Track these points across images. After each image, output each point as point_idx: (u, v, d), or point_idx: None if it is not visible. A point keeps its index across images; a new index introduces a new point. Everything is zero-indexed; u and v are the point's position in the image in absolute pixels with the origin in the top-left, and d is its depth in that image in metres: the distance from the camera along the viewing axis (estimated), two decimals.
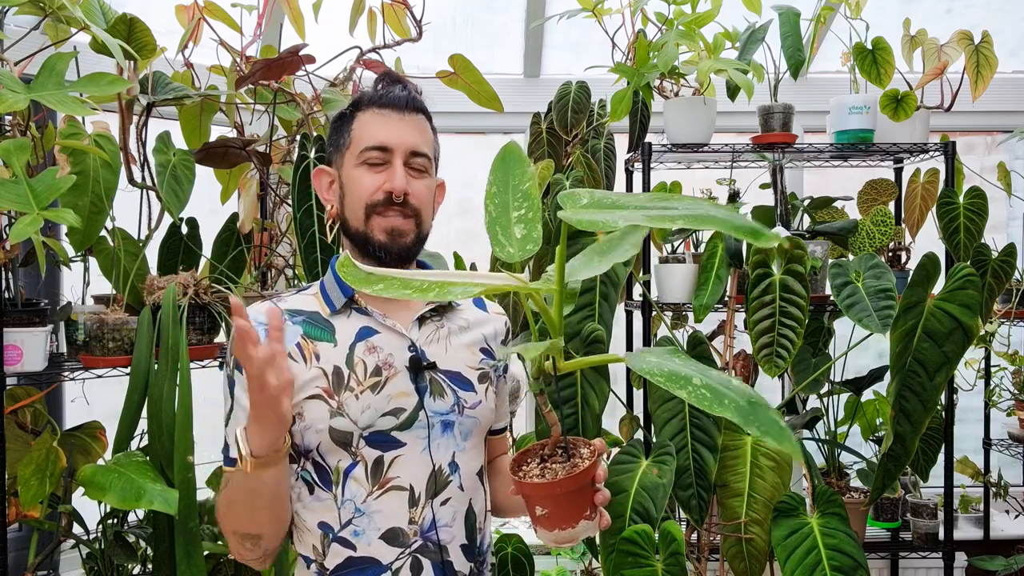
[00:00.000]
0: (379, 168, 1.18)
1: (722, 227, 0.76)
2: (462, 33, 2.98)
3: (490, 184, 1.06)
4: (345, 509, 1.15)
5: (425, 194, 1.21)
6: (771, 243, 0.74)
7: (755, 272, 2.08)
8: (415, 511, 1.15)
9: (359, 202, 1.18)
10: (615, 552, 1.90)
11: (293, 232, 2.02)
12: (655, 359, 0.87)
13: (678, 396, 0.82)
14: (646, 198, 0.86)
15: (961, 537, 2.74)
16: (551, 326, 0.96)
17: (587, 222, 0.84)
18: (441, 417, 1.18)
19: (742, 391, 0.82)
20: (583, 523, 1.03)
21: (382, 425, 1.15)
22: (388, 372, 1.17)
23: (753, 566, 2.04)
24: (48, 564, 1.98)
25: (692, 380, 0.82)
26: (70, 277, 2.04)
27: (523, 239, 1.00)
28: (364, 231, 1.19)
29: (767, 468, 2.02)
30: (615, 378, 2.21)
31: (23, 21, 1.98)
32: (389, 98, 1.20)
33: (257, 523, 1.12)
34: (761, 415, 0.78)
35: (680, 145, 2.26)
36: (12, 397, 1.81)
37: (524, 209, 1.02)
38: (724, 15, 2.21)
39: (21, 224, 1.43)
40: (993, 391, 2.53)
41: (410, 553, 1.14)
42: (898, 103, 2.29)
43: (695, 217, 0.78)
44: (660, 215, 0.80)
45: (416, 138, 1.20)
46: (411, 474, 1.15)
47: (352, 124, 1.21)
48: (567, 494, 1.01)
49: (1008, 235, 3.04)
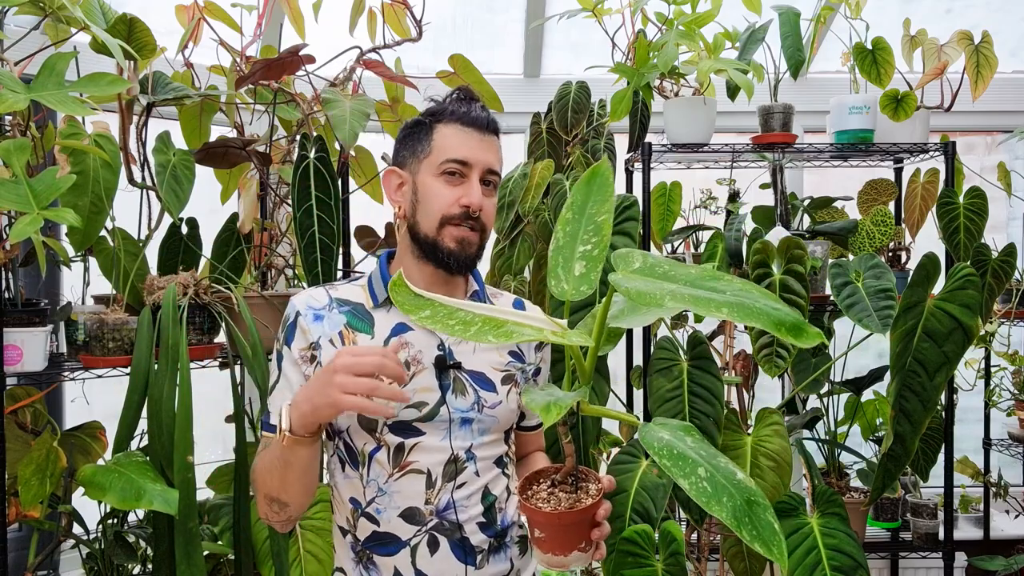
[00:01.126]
0: (457, 181, 1.26)
1: (766, 324, 0.77)
2: (462, 33, 2.98)
3: (568, 207, 1.03)
4: (370, 488, 1.24)
5: (492, 211, 1.31)
6: (813, 342, 0.75)
7: (755, 272, 2.08)
8: (431, 492, 1.23)
9: (435, 212, 1.26)
10: (615, 552, 1.90)
11: (293, 232, 2.02)
12: (668, 436, 0.88)
13: (679, 484, 0.83)
14: (697, 273, 0.86)
15: (961, 537, 2.74)
16: (582, 374, 0.98)
17: (635, 292, 0.83)
18: (461, 413, 1.26)
19: (745, 490, 0.82)
20: (576, 553, 1.07)
21: (405, 416, 1.23)
22: (416, 368, 1.25)
23: (753, 566, 2.04)
24: (48, 564, 1.98)
25: (698, 470, 0.83)
26: (70, 277, 2.04)
27: (580, 278, 0.98)
28: (435, 238, 1.26)
29: (767, 468, 2.02)
30: (615, 378, 2.21)
31: (23, 21, 1.98)
32: (472, 117, 1.27)
33: (287, 492, 1.19)
34: (758, 519, 0.79)
35: (680, 145, 2.26)
36: (12, 397, 1.81)
37: (591, 245, 0.99)
38: (724, 15, 2.21)
39: (21, 224, 1.43)
40: (993, 391, 2.53)
41: (427, 531, 1.23)
42: (898, 103, 2.29)
43: (740, 308, 0.78)
44: (707, 299, 0.80)
45: (492, 158, 1.28)
46: (429, 459, 1.24)
47: (433, 135, 1.28)
48: (566, 526, 1.05)
49: (1008, 235, 3.04)
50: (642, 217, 2.14)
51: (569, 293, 0.97)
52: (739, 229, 2.18)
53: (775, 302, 0.80)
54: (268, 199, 2.20)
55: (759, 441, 2.04)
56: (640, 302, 0.83)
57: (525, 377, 1.35)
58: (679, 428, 0.90)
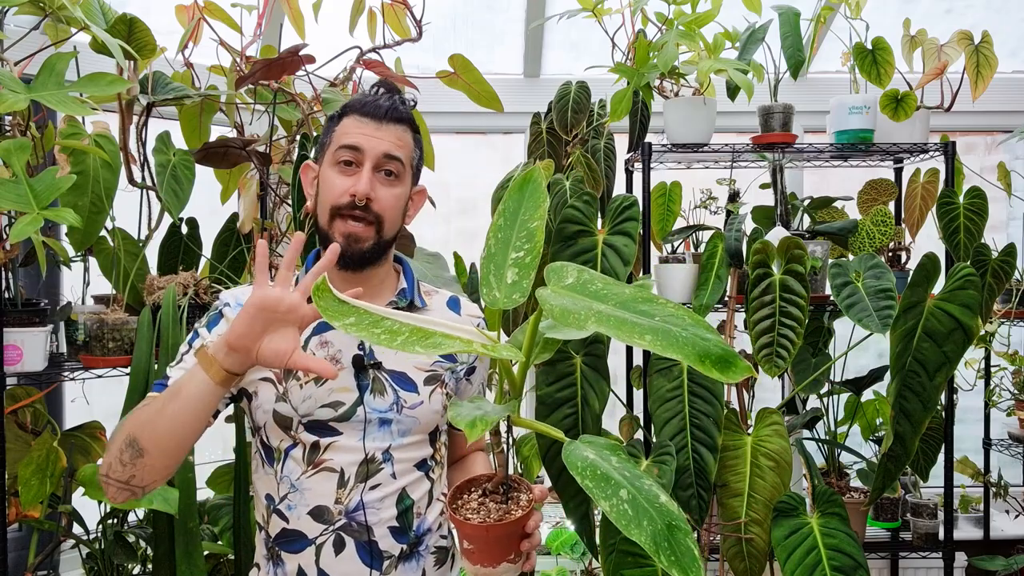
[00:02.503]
0: (351, 172, 1.23)
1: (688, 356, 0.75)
2: (462, 33, 2.98)
3: (499, 213, 1.00)
4: (283, 484, 1.23)
5: (391, 201, 1.25)
6: (740, 377, 0.74)
7: (755, 272, 2.08)
8: (342, 492, 1.21)
9: (327, 202, 1.24)
10: (615, 552, 1.90)
11: (293, 232, 2.02)
12: (592, 455, 0.86)
13: (600, 506, 0.81)
14: (630, 295, 0.83)
15: (961, 537, 2.74)
16: (512, 386, 0.96)
17: (559, 311, 0.81)
18: (379, 414, 1.23)
19: (667, 513, 0.81)
20: (505, 565, 1.06)
21: (321, 415, 1.22)
22: (334, 367, 1.22)
23: (753, 566, 2.04)
24: (48, 564, 1.98)
25: (620, 491, 0.81)
26: (70, 277, 2.04)
27: (512, 286, 0.95)
28: (327, 231, 1.24)
29: (767, 468, 2.02)
30: (615, 378, 2.21)
31: (23, 21, 1.98)
32: (370, 107, 1.24)
33: (155, 435, 1.10)
34: (677, 544, 0.78)
35: (680, 145, 2.26)
36: (12, 397, 1.81)
37: (523, 252, 0.96)
38: (724, 15, 2.21)
39: (21, 224, 1.43)
40: (993, 391, 2.53)
41: (333, 530, 1.21)
42: (898, 103, 2.29)
43: (665, 335, 0.76)
44: (632, 323, 0.78)
45: (389, 145, 1.24)
46: (343, 459, 1.22)
47: (336, 126, 1.27)
48: (495, 538, 1.03)
49: (1008, 235, 3.04)
50: (642, 217, 2.14)
51: (501, 302, 0.94)
52: (739, 229, 2.18)
53: (705, 331, 0.78)
54: (268, 199, 2.20)
55: (759, 441, 2.04)
56: (563, 322, 0.81)
57: (456, 377, 1.31)
58: (605, 447, 0.88)
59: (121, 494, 1.15)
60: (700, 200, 2.46)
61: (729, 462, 2.06)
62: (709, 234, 2.31)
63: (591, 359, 2.05)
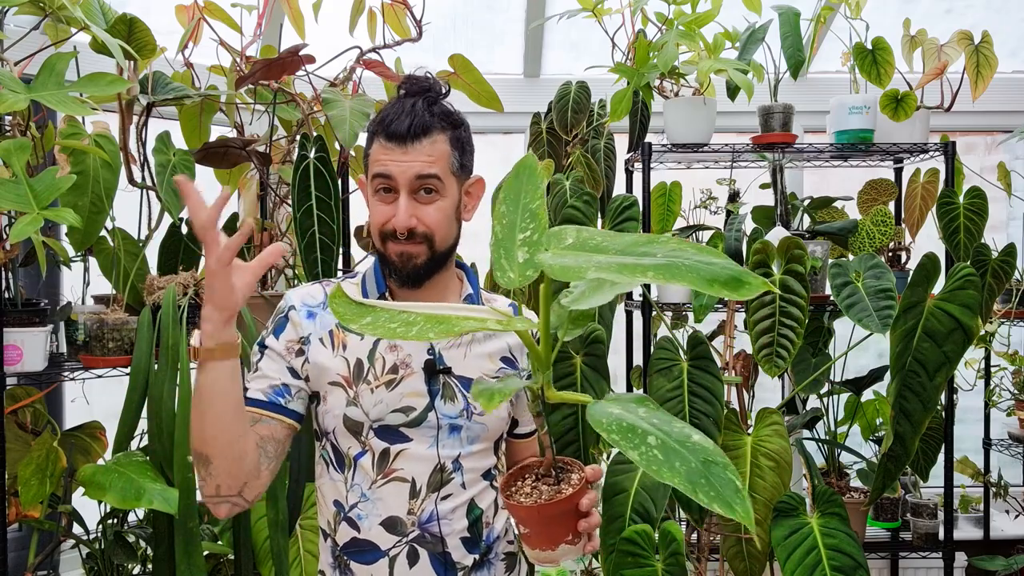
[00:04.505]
0: (389, 199, 1.20)
1: (695, 282, 0.71)
2: (462, 33, 2.98)
3: (500, 202, 1.00)
4: (353, 492, 1.21)
5: (436, 217, 1.21)
6: (754, 292, 0.70)
7: (755, 272, 2.08)
8: (415, 503, 1.20)
9: (375, 228, 1.23)
10: (615, 552, 1.90)
11: (293, 232, 2.02)
12: (618, 410, 0.83)
13: (629, 458, 0.78)
14: (631, 240, 0.81)
15: (961, 537, 2.74)
16: (536, 360, 0.94)
17: (559, 268, 0.79)
18: (450, 420, 1.22)
19: (701, 451, 0.77)
20: (563, 546, 1.04)
21: (392, 420, 1.20)
22: (404, 371, 1.22)
23: (753, 566, 2.04)
24: (48, 564, 1.98)
25: (648, 439, 0.78)
26: (70, 277, 2.04)
27: (524, 264, 0.94)
28: (382, 251, 1.23)
29: (767, 468, 2.01)
30: (615, 378, 2.21)
31: (23, 21, 1.98)
32: (391, 130, 1.19)
33: (206, 439, 1.10)
34: (716, 477, 0.74)
35: (680, 145, 2.26)
36: (12, 397, 1.81)
37: (530, 231, 0.96)
38: (724, 15, 2.21)
39: (21, 224, 1.43)
40: (993, 391, 2.53)
41: (407, 542, 1.20)
42: (898, 103, 2.29)
43: (667, 268, 0.73)
44: (632, 265, 0.75)
45: (420, 166, 1.19)
46: (414, 468, 1.21)
47: (371, 148, 1.23)
48: (548, 518, 1.02)
49: (1008, 235, 3.04)
50: (642, 217, 2.14)
51: (516, 281, 0.93)
52: (739, 229, 2.18)
53: (711, 256, 0.74)
54: (268, 199, 2.20)
55: (759, 441, 2.04)
56: (564, 277, 0.79)
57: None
58: (632, 400, 0.86)
59: (222, 508, 1.15)
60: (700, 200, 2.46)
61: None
62: (709, 234, 2.31)
63: (591, 359, 2.05)
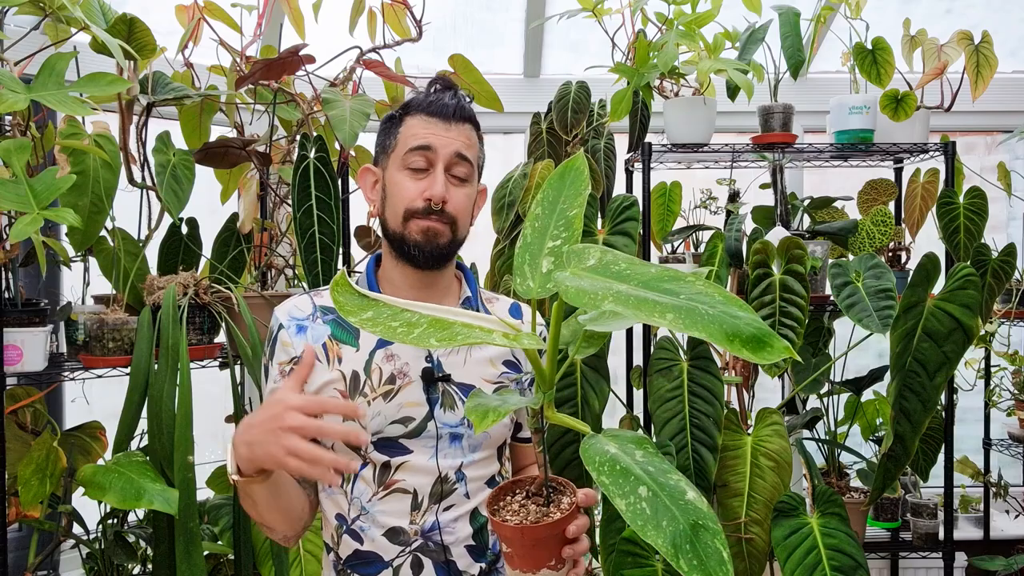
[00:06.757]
0: (421, 175, 1.20)
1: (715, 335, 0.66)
2: (462, 33, 2.97)
3: (538, 203, 0.94)
4: (354, 506, 1.20)
5: (463, 202, 1.22)
6: (777, 357, 0.65)
7: (755, 272, 2.08)
8: (416, 514, 1.19)
9: (399, 206, 1.20)
10: (615, 552, 1.90)
11: (293, 232, 2.02)
12: (614, 449, 0.79)
13: (615, 505, 0.74)
14: (656, 274, 0.75)
15: (961, 537, 2.74)
16: (540, 379, 0.91)
17: (574, 292, 0.74)
18: (450, 429, 1.20)
19: (693, 511, 0.73)
20: (545, 571, 1.01)
21: (391, 432, 1.18)
22: (402, 381, 1.19)
23: (753, 566, 2.04)
24: (48, 564, 1.98)
25: (639, 488, 0.74)
26: (70, 277, 2.04)
27: (547, 275, 0.88)
28: (401, 232, 1.21)
29: (767, 468, 2.01)
30: (615, 378, 2.21)
31: (23, 21, 1.98)
32: (437, 105, 1.20)
33: (266, 519, 1.16)
34: (702, 545, 0.70)
35: (680, 145, 2.25)
36: (12, 397, 1.81)
37: (561, 240, 0.90)
38: (724, 15, 2.21)
39: (21, 224, 1.43)
40: (993, 391, 2.53)
41: (411, 551, 1.18)
42: (898, 103, 2.29)
43: (689, 313, 0.67)
44: (653, 302, 0.70)
45: (460, 144, 1.21)
46: (416, 480, 1.19)
47: (400, 128, 1.22)
48: (533, 541, 0.99)
49: (1008, 235, 3.04)
50: (642, 217, 2.14)
51: (535, 291, 0.87)
52: (739, 229, 2.18)
53: (737, 308, 0.68)
54: (268, 199, 2.20)
55: (759, 441, 2.04)
56: (578, 303, 0.74)
57: (520, 387, 1.27)
58: (630, 440, 0.82)
59: (290, 543, 1.24)
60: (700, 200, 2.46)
61: (729, 462, 2.06)
62: (709, 234, 2.30)
63: (591, 359, 2.05)
